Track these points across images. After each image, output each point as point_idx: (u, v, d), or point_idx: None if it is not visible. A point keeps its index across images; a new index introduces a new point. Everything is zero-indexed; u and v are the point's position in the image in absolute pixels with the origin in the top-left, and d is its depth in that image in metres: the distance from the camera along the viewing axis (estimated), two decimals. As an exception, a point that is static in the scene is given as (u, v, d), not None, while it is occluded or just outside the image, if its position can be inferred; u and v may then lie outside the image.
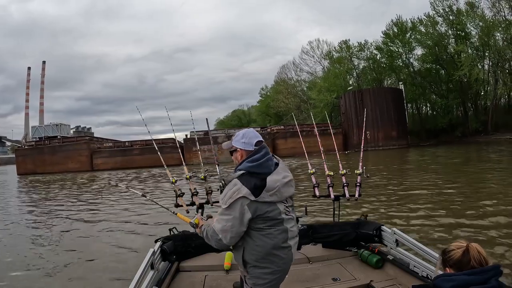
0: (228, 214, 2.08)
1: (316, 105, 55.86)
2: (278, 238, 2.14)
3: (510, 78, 45.33)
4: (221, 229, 2.11)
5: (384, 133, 43.20)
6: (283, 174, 2.23)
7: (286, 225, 2.18)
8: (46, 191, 21.10)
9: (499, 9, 44.18)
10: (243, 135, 2.28)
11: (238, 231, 2.10)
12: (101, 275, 5.66)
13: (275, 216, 2.13)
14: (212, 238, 2.19)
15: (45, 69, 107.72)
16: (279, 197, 2.15)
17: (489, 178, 12.72)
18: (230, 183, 2.13)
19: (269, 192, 2.09)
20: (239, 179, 2.11)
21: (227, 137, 45.33)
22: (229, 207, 2.07)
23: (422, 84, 54.46)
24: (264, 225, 2.12)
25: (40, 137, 50.95)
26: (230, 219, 2.07)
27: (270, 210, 2.11)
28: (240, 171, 2.14)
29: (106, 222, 9.81)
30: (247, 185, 2.06)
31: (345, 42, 61.36)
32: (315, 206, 8.71)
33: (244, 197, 2.05)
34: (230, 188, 2.10)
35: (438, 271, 1.84)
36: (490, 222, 6.91)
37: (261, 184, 2.09)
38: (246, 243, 2.16)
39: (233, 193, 2.06)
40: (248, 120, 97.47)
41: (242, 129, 2.39)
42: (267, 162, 2.18)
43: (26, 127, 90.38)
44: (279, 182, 2.15)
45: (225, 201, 2.09)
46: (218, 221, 2.14)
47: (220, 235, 2.12)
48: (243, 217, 2.06)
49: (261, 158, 2.15)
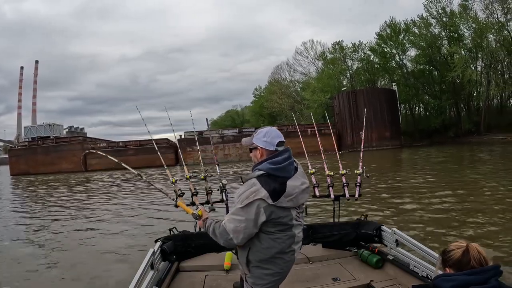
0: (243, 215, 2.00)
1: (310, 105, 55.98)
2: (285, 243, 2.10)
3: (502, 79, 45.90)
4: (234, 229, 2.03)
5: (378, 133, 43.35)
6: (302, 180, 2.17)
7: (294, 230, 2.14)
8: (41, 192, 20.97)
9: (492, 11, 44.66)
10: (266, 133, 2.17)
11: (250, 232, 2.04)
12: (101, 275, 5.65)
13: (286, 222, 2.08)
14: (222, 237, 2.10)
15: (38, 69, 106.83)
16: (295, 204, 2.10)
17: (485, 178, 12.85)
18: (248, 182, 2.05)
19: (287, 198, 2.03)
20: (258, 179, 2.02)
21: (221, 137, 45.34)
22: (244, 207, 1.99)
23: (415, 85, 54.85)
24: (274, 229, 2.06)
25: (33, 137, 50.48)
26: (244, 220, 2.00)
27: (283, 215, 2.05)
28: (260, 171, 2.05)
29: (106, 222, 9.80)
30: (266, 188, 1.98)
31: (338, 43, 61.81)
32: (315, 206, 8.72)
33: (262, 199, 1.97)
34: (248, 188, 2.01)
35: (438, 271, 1.83)
36: (490, 222, 6.95)
37: (280, 188, 2.02)
38: (253, 244, 2.10)
39: (250, 194, 1.98)
40: (241, 121, 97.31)
41: (265, 127, 2.25)
42: (289, 167, 2.11)
43: (19, 127, 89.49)
44: (298, 188, 2.10)
45: (241, 200, 2.01)
46: (230, 220, 2.05)
47: (232, 235, 2.04)
48: (258, 219, 1.99)
49: (283, 161, 2.08)
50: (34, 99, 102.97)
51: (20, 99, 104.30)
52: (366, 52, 59.79)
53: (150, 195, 14.66)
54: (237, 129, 50.06)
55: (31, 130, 52.59)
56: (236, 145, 44.50)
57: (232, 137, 45.86)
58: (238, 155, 44.14)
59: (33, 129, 52.52)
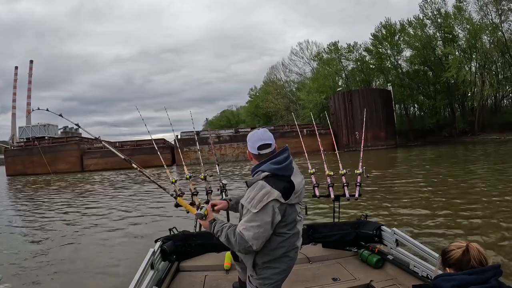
0: (259, 220, 1.95)
1: (306, 106, 56.11)
2: (291, 241, 2.12)
3: (496, 80, 46.32)
4: (253, 237, 1.96)
5: (373, 133, 43.46)
6: (301, 176, 2.21)
7: (298, 227, 2.17)
8: (39, 192, 20.80)
9: (486, 12, 45.16)
10: (248, 138, 2.20)
11: (268, 235, 2.01)
12: (101, 275, 5.63)
13: (293, 219, 2.10)
14: (239, 245, 2.01)
15: (32, 69, 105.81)
16: (299, 199, 2.14)
17: (482, 177, 12.91)
18: (256, 186, 2.02)
19: (295, 194, 2.06)
20: (266, 181, 2.01)
21: (218, 138, 45.36)
22: (259, 212, 1.94)
23: (410, 85, 55.16)
24: (285, 228, 2.07)
25: (28, 137, 49.98)
26: (262, 224, 1.95)
27: (291, 212, 2.07)
28: (264, 172, 2.05)
29: (105, 222, 9.73)
30: (277, 188, 1.98)
31: (334, 44, 61.99)
32: (315, 206, 8.72)
33: (276, 199, 1.96)
34: (259, 191, 1.98)
35: (438, 271, 1.83)
36: (490, 221, 6.97)
37: (289, 186, 2.04)
38: (263, 246, 2.07)
39: (263, 196, 1.95)
40: (237, 121, 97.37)
41: (253, 130, 2.29)
42: (290, 165, 2.13)
43: (13, 128, 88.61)
44: (300, 184, 2.13)
45: (254, 205, 1.96)
46: (248, 228, 1.96)
47: (251, 242, 1.96)
48: (274, 221, 1.98)
49: (284, 160, 2.09)
50: (29, 99, 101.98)
51: (15, 99, 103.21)
52: (362, 52, 60.19)
53: (150, 195, 14.63)
54: (233, 129, 50.07)
55: (26, 130, 52.02)
56: (233, 145, 44.75)
57: (229, 137, 45.99)
58: (234, 155, 44.26)
59: (28, 130, 51.94)
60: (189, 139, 38.57)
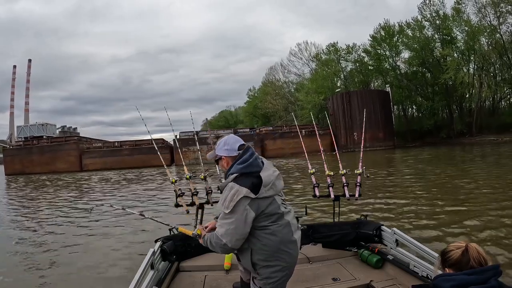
0: (231, 217, 2.07)
1: (304, 106, 56.13)
2: (283, 232, 2.17)
3: (494, 82, 46.51)
4: (225, 233, 2.10)
5: (371, 134, 43.50)
6: (272, 169, 2.28)
7: (286, 218, 2.22)
8: (40, 192, 20.77)
9: (485, 14, 45.28)
10: (225, 142, 2.32)
11: (242, 232, 2.10)
12: (101, 275, 5.63)
13: (275, 210, 2.17)
14: (217, 245, 2.17)
15: (31, 68, 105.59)
16: (275, 191, 2.21)
17: (481, 178, 12.98)
18: (226, 188, 2.14)
19: (266, 187, 2.13)
20: (235, 181, 2.12)
21: (216, 137, 45.29)
22: (232, 211, 2.06)
23: (409, 86, 55.28)
24: (267, 222, 2.14)
25: (26, 137, 49.96)
26: (233, 221, 2.06)
27: (269, 204, 2.15)
28: (233, 175, 2.16)
29: (105, 222, 9.70)
30: (245, 185, 2.08)
31: (333, 45, 62.03)
32: (315, 206, 8.73)
33: (246, 196, 2.05)
34: (229, 192, 2.09)
35: (437, 271, 1.82)
36: (490, 222, 6.98)
37: (257, 181, 2.12)
38: (253, 244, 2.16)
39: (233, 196, 2.06)
40: (235, 121, 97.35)
41: (223, 137, 2.42)
42: (256, 161, 2.22)
43: (11, 127, 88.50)
44: (272, 176, 2.21)
45: (226, 205, 2.08)
46: (221, 225, 2.12)
47: (224, 239, 2.10)
48: (247, 217, 2.07)
49: (250, 157, 2.19)
50: (27, 98, 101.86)
51: (13, 98, 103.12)
52: (360, 54, 60.33)
53: (150, 195, 14.65)
54: (232, 130, 50.05)
55: (24, 129, 52.04)
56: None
57: (227, 138, 45.66)
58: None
59: (26, 129, 51.97)
60: (188, 139, 38.48)
